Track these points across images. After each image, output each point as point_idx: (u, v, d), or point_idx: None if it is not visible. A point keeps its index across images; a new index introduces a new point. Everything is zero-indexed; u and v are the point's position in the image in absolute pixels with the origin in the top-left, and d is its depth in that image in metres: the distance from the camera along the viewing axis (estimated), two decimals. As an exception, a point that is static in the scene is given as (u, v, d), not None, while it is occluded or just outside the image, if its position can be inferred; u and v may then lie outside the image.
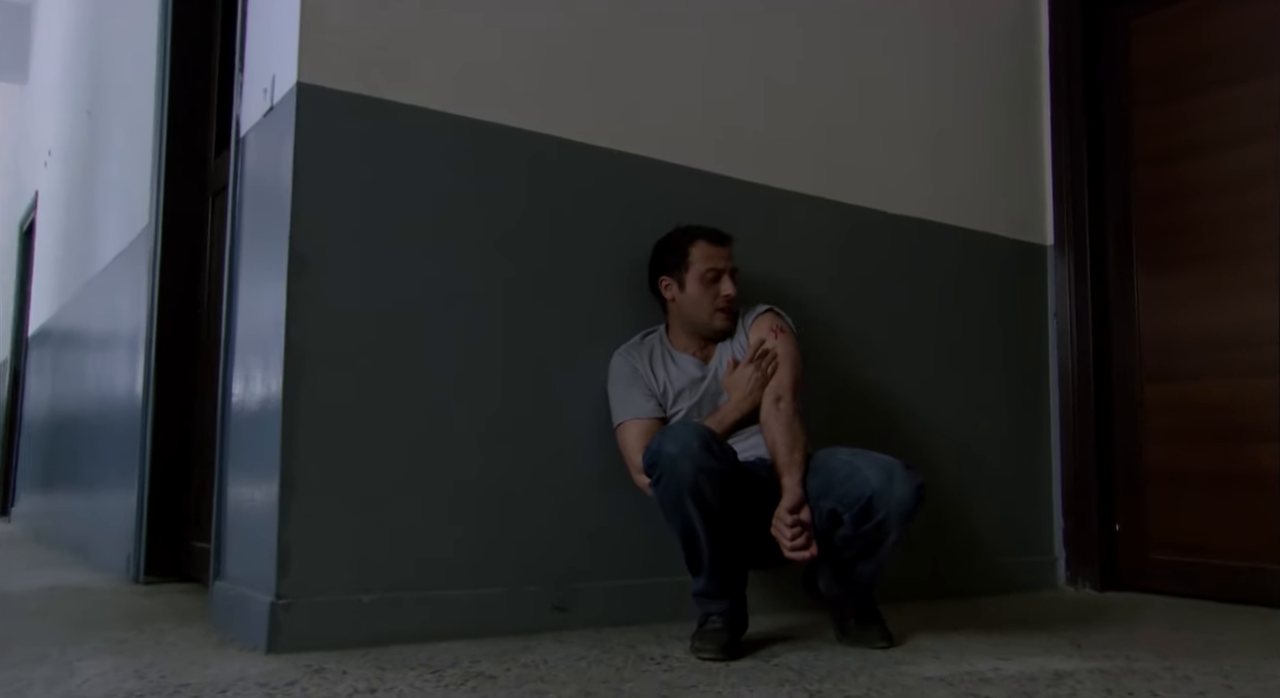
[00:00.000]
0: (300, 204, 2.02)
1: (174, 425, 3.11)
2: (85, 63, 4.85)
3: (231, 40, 3.00)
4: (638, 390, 2.21)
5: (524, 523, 2.20)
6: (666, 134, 2.49)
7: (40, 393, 5.61)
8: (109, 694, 1.57)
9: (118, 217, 3.81)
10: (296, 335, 2.00)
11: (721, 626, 1.93)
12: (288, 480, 1.96)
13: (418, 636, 1.99)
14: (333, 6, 2.08)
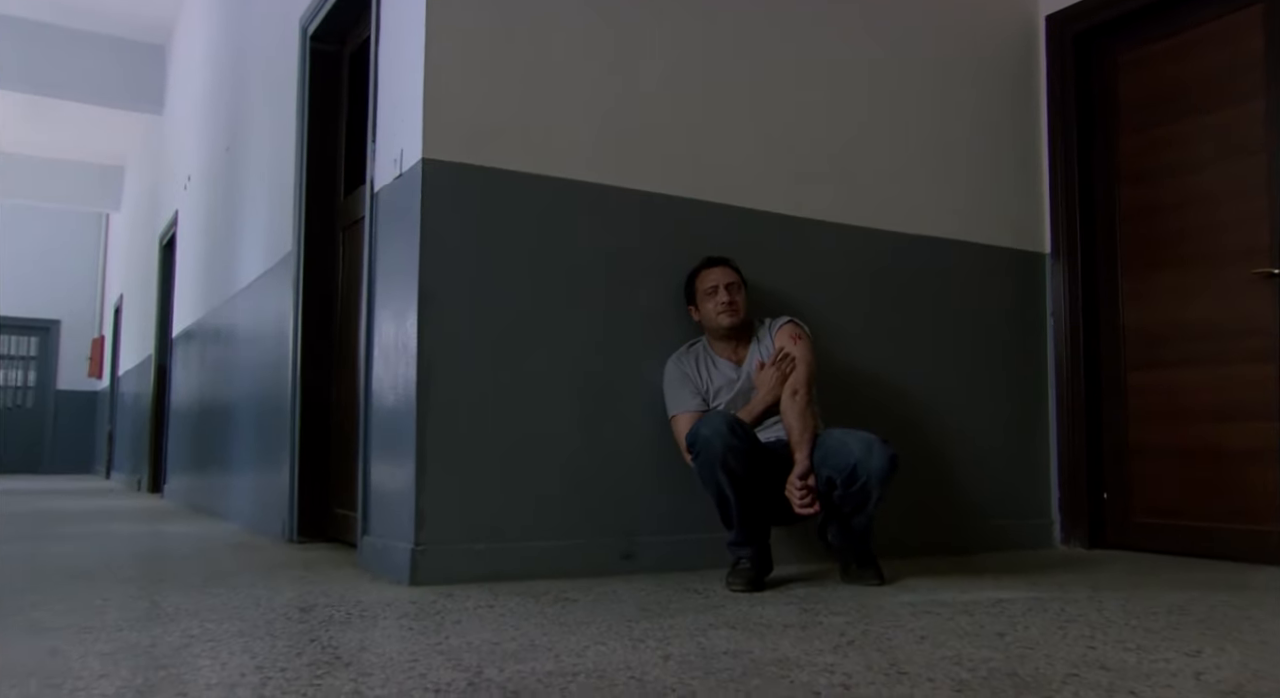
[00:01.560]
0: (426, 252, 2.68)
1: (316, 415, 3.83)
2: (224, 104, 5.64)
3: (354, 105, 3.71)
4: (686, 389, 2.83)
5: (598, 490, 2.84)
6: (708, 179, 3.10)
7: (185, 386, 6.48)
8: (310, 604, 2.26)
9: (262, 242, 4.56)
10: (425, 350, 2.67)
11: (749, 566, 2.55)
12: (421, 461, 2.64)
13: (517, 575, 2.65)
14: (447, 98, 2.73)
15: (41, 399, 13.70)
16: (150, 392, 7.70)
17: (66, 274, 13.12)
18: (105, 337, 12.36)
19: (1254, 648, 1.81)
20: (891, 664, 1.64)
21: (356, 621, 2.07)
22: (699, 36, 3.14)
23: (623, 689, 1.46)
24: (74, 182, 11.31)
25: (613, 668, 1.60)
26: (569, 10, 2.92)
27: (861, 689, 1.47)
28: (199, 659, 1.69)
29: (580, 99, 2.92)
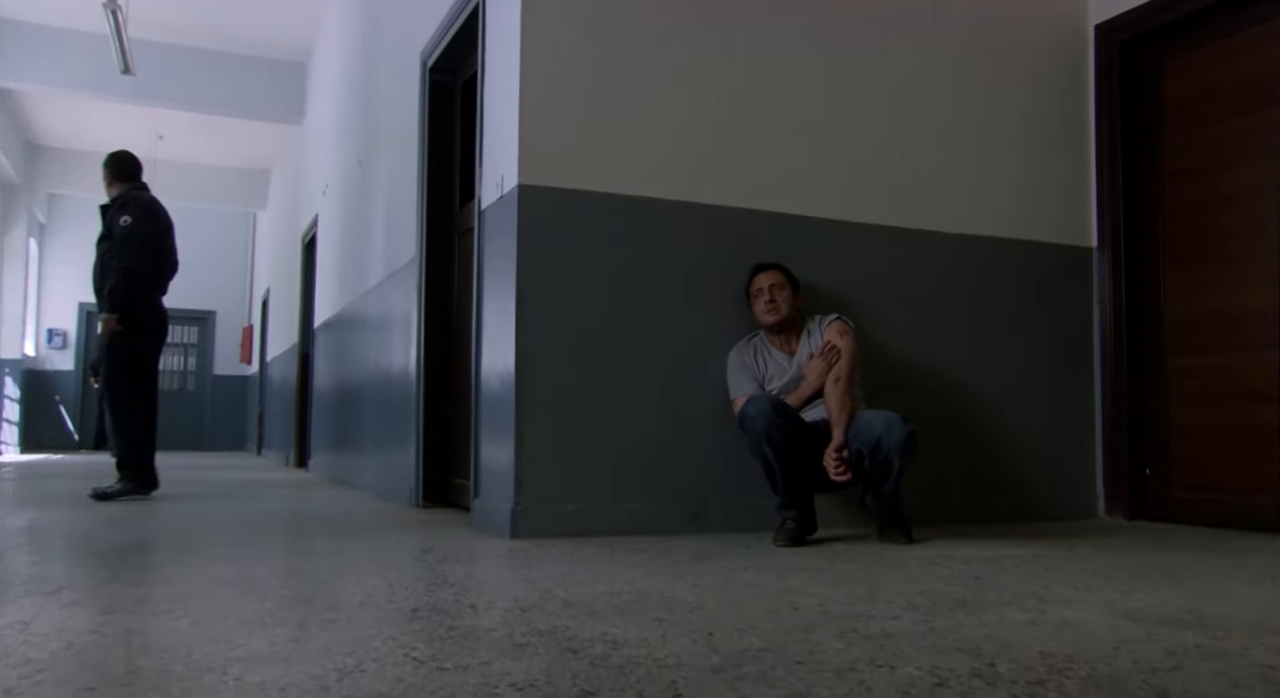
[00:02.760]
0: (522, 261, 3.21)
1: (436, 398, 4.43)
2: (356, 121, 6.33)
3: (465, 128, 4.27)
4: (746, 376, 3.29)
5: (669, 461, 3.33)
6: (767, 191, 3.53)
7: (325, 372, 7.26)
8: (429, 548, 2.82)
9: (389, 246, 5.20)
10: (521, 343, 3.20)
11: (793, 526, 3.00)
12: (519, 436, 3.17)
13: (599, 532, 3.16)
14: (539, 131, 3.25)
15: (201, 383, 15.04)
16: (295, 377, 8.57)
17: (221, 268, 14.33)
18: (254, 326, 13.51)
19: (1186, 590, 2.16)
20: (869, 594, 2.08)
21: (464, 560, 2.62)
22: (757, 62, 3.57)
23: (651, 602, 1.95)
24: (226, 184, 12.43)
25: (649, 591, 2.09)
26: (637, 49, 3.40)
27: (833, 607, 1.92)
28: (345, 581, 2.26)
29: (650, 126, 3.40)
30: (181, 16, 8.03)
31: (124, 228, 4.74)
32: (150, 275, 4.84)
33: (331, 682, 1.33)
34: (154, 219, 4.88)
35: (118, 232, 4.75)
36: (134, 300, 4.72)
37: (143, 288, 4.78)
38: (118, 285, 4.66)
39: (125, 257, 4.70)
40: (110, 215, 4.86)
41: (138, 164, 5.10)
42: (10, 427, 11.58)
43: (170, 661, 1.46)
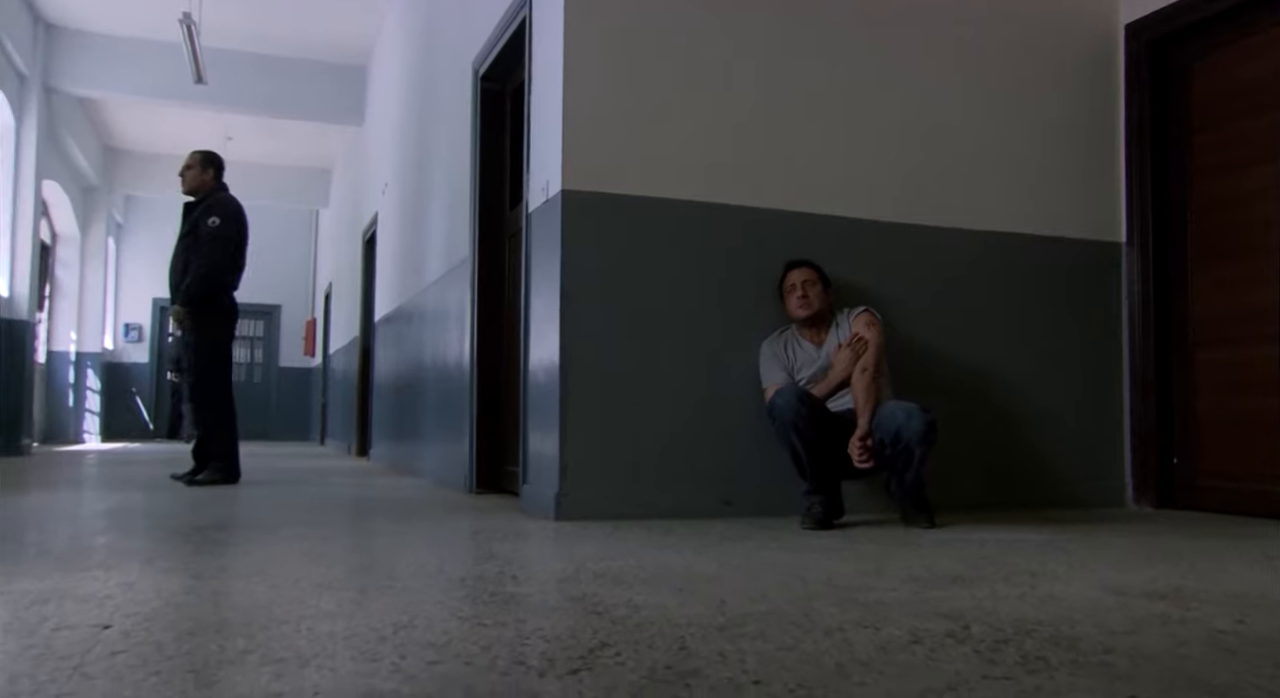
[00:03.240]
0: (566, 262, 3.43)
1: (489, 390, 4.67)
2: (413, 124, 6.61)
3: (514, 133, 4.50)
4: (776, 366, 3.47)
5: (705, 449, 3.52)
6: (798, 192, 3.70)
7: (385, 364, 7.57)
8: (479, 529, 3.06)
9: (444, 246, 5.46)
10: (565, 339, 3.42)
11: (820, 510, 3.18)
12: (564, 426, 3.39)
13: (638, 515, 3.37)
14: (582, 140, 3.46)
15: (267, 375, 15.57)
16: (357, 369, 8.92)
17: (285, 264, 14.80)
18: (317, 319, 13.96)
19: (1178, 569, 2.31)
20: (876, 570, 2.26)
21: (510, 539, 2.85)
22: (788, 70, 3.74)
23: (674, 575, 2.15)
24: (290, 183, 12.86)
25: (674, 566, 2.30)
26: (673, 62, 3.59)
27: (838, 580, 2.10)
28: (401, 555, 2.50)
29: (686, 134, 3.59)
30: (249, 25, 8.40)
31: (211, 228, 4.98)
32: (227, 275, 5.10)
33: (387, 634, 1.55)
34: (238, 222, 5.12)
35: (205, 231, 4.97)
36: (209, 298, 4.99)
37: (220, 286, 5.05)
38: (195, 282, 4.93)
39: (208, 256, 4.95)
40: (197, 213, 5.07)
41: (223, 164, 5.32)
42: (92, 417, 12.15)
43: (252, 615, 1.70)
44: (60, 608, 1.74)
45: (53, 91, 8.60)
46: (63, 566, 2.25)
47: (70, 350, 11.33)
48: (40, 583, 2.00)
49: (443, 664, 1.36)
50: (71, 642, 1.48)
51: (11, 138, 7.96)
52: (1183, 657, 1.44)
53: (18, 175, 8.03)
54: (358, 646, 1.47)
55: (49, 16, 8.37)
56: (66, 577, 2.08)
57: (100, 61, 8.63)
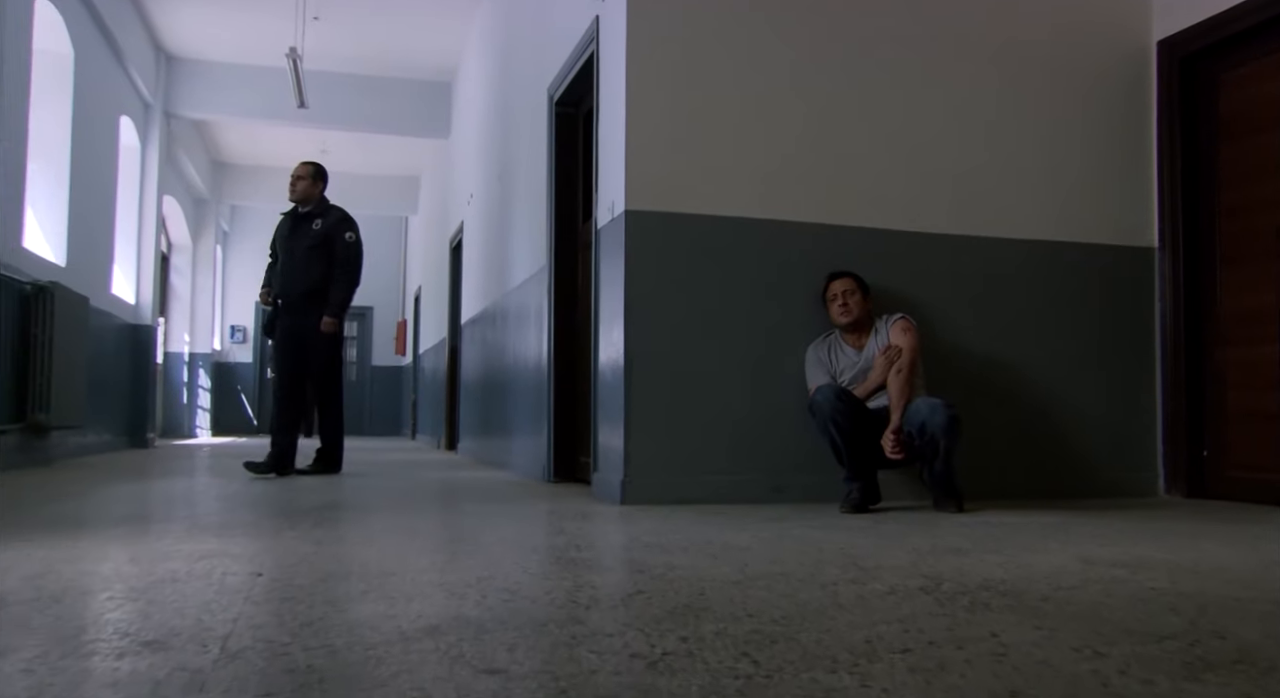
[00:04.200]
0: (629, 274, 3.84)
1: (564, 388, 5.12)
2: (496, 140, 7.11)
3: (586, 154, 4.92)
4: (820, 369, 3.83)
5: (756, 441, 3.91)
6: (841, 206, 4.05)
7: (471, 364, 8.10)
8: (553, 511, 3.49)
9: (525, 254, 5.93)
10: (630, 343, 3.83)
11: (857, 495, 3.54)
12: (628, 420, 3.81)
13: (695, 500, 3.77)
14: (643, 164, 3.87)
15: (361, 373, 16.38)
16: (445, 368, 9.49)
17: (377, 267, 15.49)
18: (407, 320, 14.67)
19: (1160, 546, 2.61)
20: (888, 544, 2.62)
21: (578, 519, 3.28)
22: (833, 94, 4.10)
23: (713, 546, 2.55)
24: (381, 191, 13.56)
25: (716, 539, 2.69)
26: (727, 90, 3.98)
27: (852, 551, 2.47)
28: (484, 529, 2.95)
29: (739, 156, 3.97)
30: (346, 49, 9.02)
31: (349, 243, 5.49)
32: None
33: (472, 582, 1.99)
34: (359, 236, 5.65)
35: (342, 245, 5.46)
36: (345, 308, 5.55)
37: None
38: (344, 295, 5.47)
39: (352, 270, 5.49)
40: (325, 225, 5.48)
41: (329, 177, 5.81)
42: (203, 413, 13.04)
43: (367, 568, 2.16)
44: (223, 562, 2.23)
45: (172, 116, 9.37)
46: (215, 533, 2.75)
47: (184, 351, 12.19)
48: (203, 545, 2.50)
49: (513, 602, 1.79)
50: (238, 584, 1.95)
51: (137, 159, 8.73)
52: (1100, 605, 1.79)
53: (142, 193, 8.79)
54: (449, 589, 1.91)
55: (170, 48, 9.14)
56: (220, 541, 2.58)
57: (213, 87, 9.37)
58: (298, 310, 5.48)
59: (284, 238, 5.61)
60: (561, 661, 1.36)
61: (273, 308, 5.63)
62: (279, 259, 5.63)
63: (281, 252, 5.60)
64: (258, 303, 15.33)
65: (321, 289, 5.46)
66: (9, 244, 5.41)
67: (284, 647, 1.41)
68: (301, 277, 5.46)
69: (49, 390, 5.75)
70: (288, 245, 5.55)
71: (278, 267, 5.63)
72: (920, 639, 1.50)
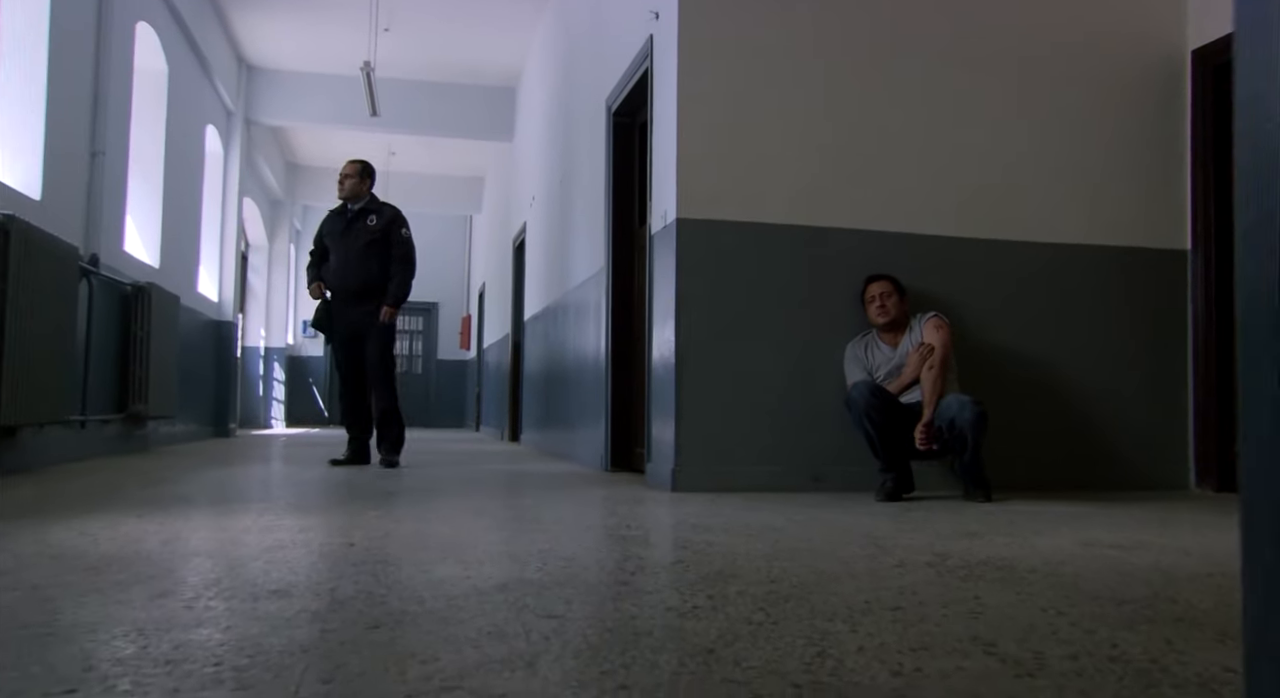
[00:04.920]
0: (680, 277, 4.13)
1: (621, 383, 5.43)
2: (558, 145, 7.45)
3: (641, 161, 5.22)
4: (857, 367, 4.09)
5: (797, 433, 4.17)
6: (879, 212, 4.29)
7: (534, 358, 8.46)
8: (608, 496, 3.80)
9: (584, 255, 6.25)
10: (681, 341, 4.12)
11: (891, 484, 3.79)
12: (679, 413, 4.10)
13: (740, 488, 4.05)
14: (693, 175, 4.16)
15: (427, 366, 16.90)
16: (509, 362, 9.87)
17: (442, 264, 16.05)
18: (471, 316, 15.12)
19: (1163, 532, 2.83)
20: (910, 527, 2.88)
21: (631, 503, 3.58)
22: (871, 106, 4.33)
23: (751, 527, 2.83)
24: (446, 191, 14.01)
25: (754, 521, 2.97)
26: (771, 104, 4.24)
27: (876, 533, 2.74)
28: (545, 511, 3.27)
29: (782, 167, 4.24)
30: (414, 57, 9.44)
31: (405, 238, 5.67)
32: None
33: (534, 552, 2.30)
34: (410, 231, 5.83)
35: (400, 241, 5.64)
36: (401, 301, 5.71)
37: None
38: (404, 287, 5.63)
39: (409, 264, 5.66)
40: (380, 221, 5.65)
41: (375, 173, 5.94)
42: (277, 405, 13.63)
43: (443, 541, 2.48)
44: (319, 534, 2.58)
45: (252, 123, 9.89)
46: (308, 512, 3.11)
47: (260, 346, 12.77)
48: (300, 521, 2.86)
49: (569, 568, 2.09)
50: (335, 551, 2.29)
51: (220, 165, 9.24)
52: (1080, 577, 2.03)
53: (225, 196, 9.31)
54: (514, 556, 2.22)
55: (250, 59, 9.66)
56: (313, 518, 2.94)
57: (290, 95, 9.86)
58: (355, 304, 5.62)
59: (337, 235, 5.71)
60: (607, 610, 1.66)
61: (323, 302, 5.74)
62: (331, 255, 5.73)
63: (334, 248, 5.70)
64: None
65: (379, 283, 5.61)
66: (112, 248, 5.88)
67: (382, 597, 1.73)
68: (358, 271, 5.61)
69: (146, 383, 6.22)
70: (342, 242, 5.68)
71: (330, 262, 5.73)
72: (912, 600, 1.77)
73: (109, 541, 2.38)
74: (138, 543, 2.35)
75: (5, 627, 1.46)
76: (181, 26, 7.34)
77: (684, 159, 4.17)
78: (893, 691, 1.20)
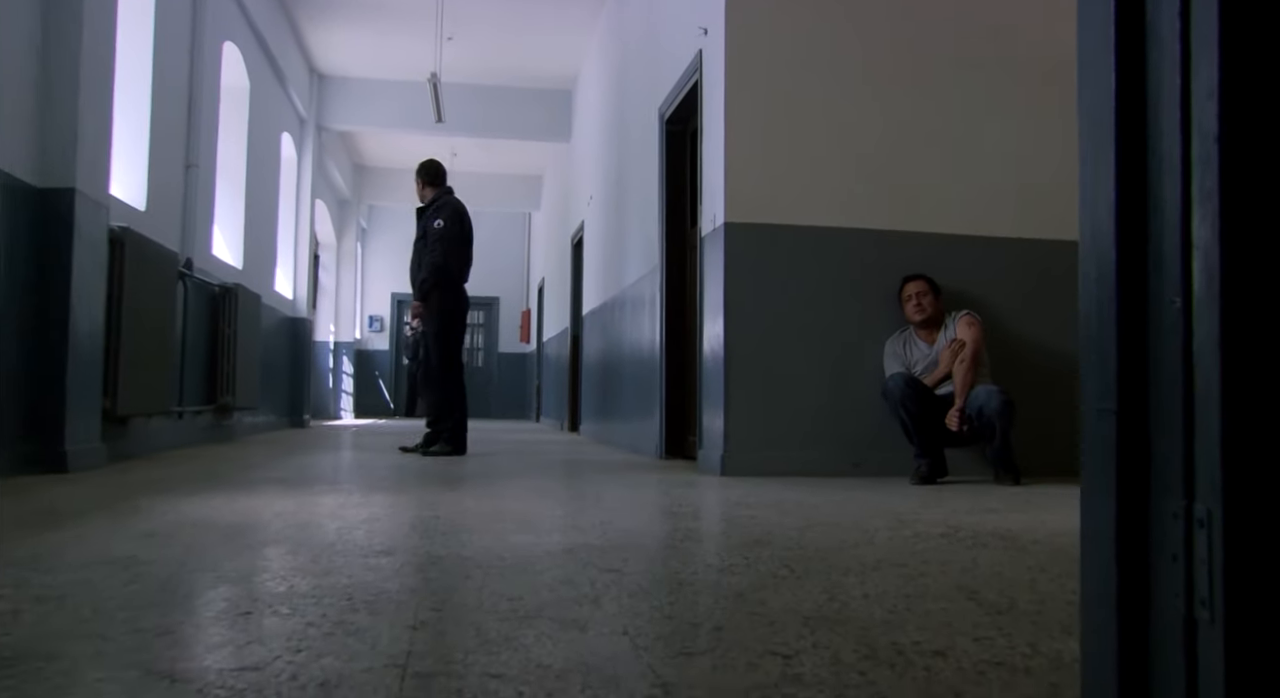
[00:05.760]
0: (728, 277, 4.44)
1: (674, 375, 5.75)
2: (613, 148, 7.78)
3: (692, 167, 5.53)
4: (896, 361, 4.36)
5: (838, 421, 4.46)
6: (912, 214, 4.56)
7: (592, 351, 8.82)
8: (662, 480, 4.13)
9: (639, 254, 6.58)
10: (729, 337, 4.43)
11: (925, 469, 4.06)
12: (727, 403, 4.42)
13: (784, 473, 4.35)
14: (740, 182, 4.46)
15: (488, 359, 17.40)
16: (568, 355, 10.25)
17: (502, 260, 16.52)
18: (531, 310, 15.56)
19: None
20: (934, 505, 3.16)
21: (684, 487, 3.91)
22: (906, 115, 4.59)
23: (790, 504, 3.14)
24: (506, 189, 14.45)
25: (792, 500, 3.28)
26: (811, 114, 4.53)
27: (901, 509, 3.03)
28: (604, 492, 3.61)
29: (823, 173, 4.52)
30: (474, 63, 9.85)
31: (438, 230, 5.79)
32: (454, 270, 5.88)
33: (595, 524, 2.63)
34: (460, 221, 5.92)
35: (432, 233, 5.79)
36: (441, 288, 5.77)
37: (448, 280, 5.84)
38: (428, 277, 5.77)
39: (437, 253, 5.75)
40: (426, 218, 5.90)
41: (444, 171, 6.18)
42: (346, 397, 14.20)
43: (514, 516, 2.83)
44: (407, 510, 2.94)
45: (322, 129, 10.39)
46: (393, 491, 3.49)
47: (330, 341, 13.33)
48: (388, 498, 3.24)
49: (626, 537, 2.43)
50: (424, 522, 2.65)
51: (294, 169, 9.75)
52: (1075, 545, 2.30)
53: (298, 199, 9.82)
54: (578, 527, 2.56)
55: (321, 69, 10.16)
56: (399, 496, 3.31)
57: (358, 102, 10.35)
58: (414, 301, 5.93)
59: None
60: (657, 566, 1.99)
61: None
62: None
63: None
64: (394, 294, 16.52)
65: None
66: (202, 252, 6.35)
67: (469, 558, 2.08)
68: (414, 270, 5.93)
69: (233, 377, 6.70)
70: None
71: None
72: (917, 561, 2.07)
73: (232, 513, 2.77)
74: (256, 515, 2.74)
75: (183, 572, 1.84)
76: (261, 43, 7.82)
77: (731, 167, 4.47)
78: (882, 622, 1.51)
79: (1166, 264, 0.86)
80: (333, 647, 1.29)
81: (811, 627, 1.46)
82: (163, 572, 1.83)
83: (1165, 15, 0.87)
